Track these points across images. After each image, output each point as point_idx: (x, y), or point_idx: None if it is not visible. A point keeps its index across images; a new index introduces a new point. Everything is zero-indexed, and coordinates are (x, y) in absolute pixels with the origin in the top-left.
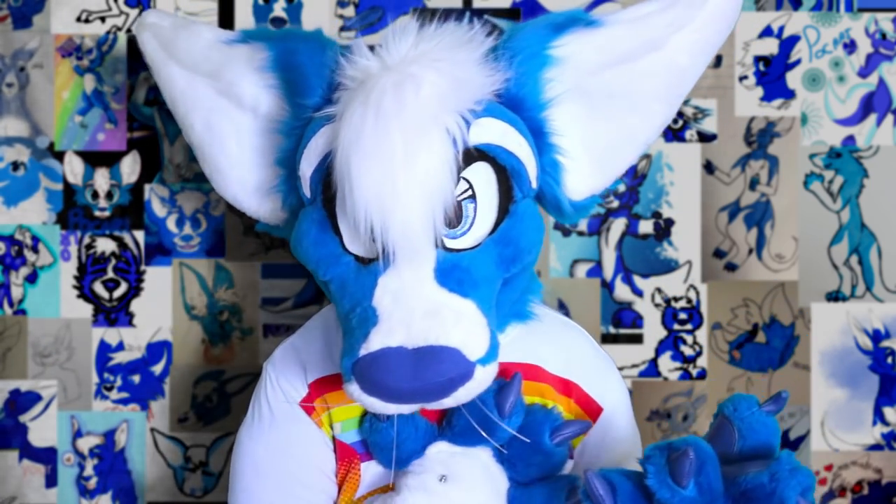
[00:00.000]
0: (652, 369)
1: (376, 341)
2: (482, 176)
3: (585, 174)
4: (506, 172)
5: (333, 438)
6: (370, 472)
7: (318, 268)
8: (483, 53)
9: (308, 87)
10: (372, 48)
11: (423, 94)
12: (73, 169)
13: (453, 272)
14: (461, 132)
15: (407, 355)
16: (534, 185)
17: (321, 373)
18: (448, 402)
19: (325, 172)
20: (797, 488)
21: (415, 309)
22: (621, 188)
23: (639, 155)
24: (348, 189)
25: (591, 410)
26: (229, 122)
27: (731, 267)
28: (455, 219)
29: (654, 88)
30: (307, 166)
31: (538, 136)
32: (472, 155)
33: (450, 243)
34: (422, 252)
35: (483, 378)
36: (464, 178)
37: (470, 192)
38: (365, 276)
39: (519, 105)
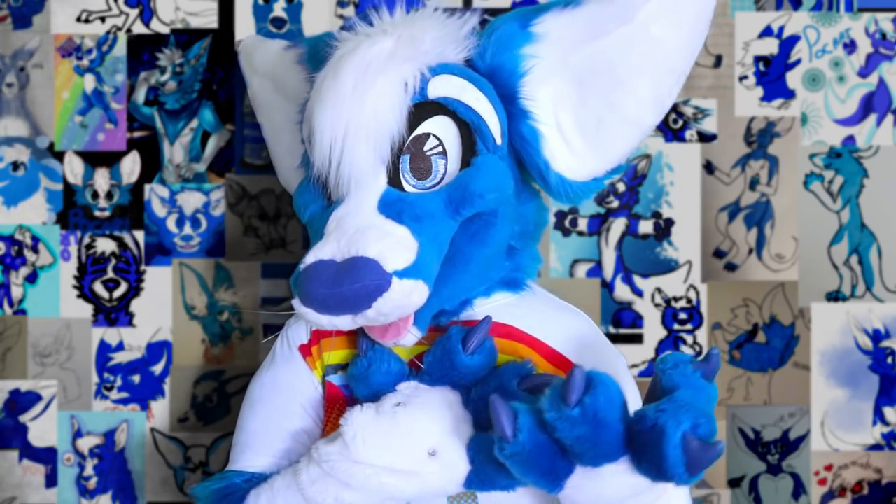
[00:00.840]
0: (652, 369)
1: (311, 255)
2: (448, 131)
3: (582, 154)
4: (468, 127)
5: (323, 381)
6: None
7: (301, 210)
8: (456, 28)
9: (318, 70)
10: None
11: (379, 47)
12: (73, 169)
13: (395, 204)
14: (415, 81)
15: (332, 266)
16: (498, 141)
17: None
18: (371, 313)
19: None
20: (685, 423)
21: (348, 228)
22: (621, 187)
23: (637, 136)
24: (311, 132)
25: None
26: (284, 116)
27: (731, 267)
28: (424, 171)
29: (634, 62)
30: (306, 130)
31: (510, 101)
32: (431, 107)
33: (413, 191)
34: (366, 184)
35: (402, 290)
36: (434, 136)
37: (440, 148)
38: (328, 212)
39: (494, 73)
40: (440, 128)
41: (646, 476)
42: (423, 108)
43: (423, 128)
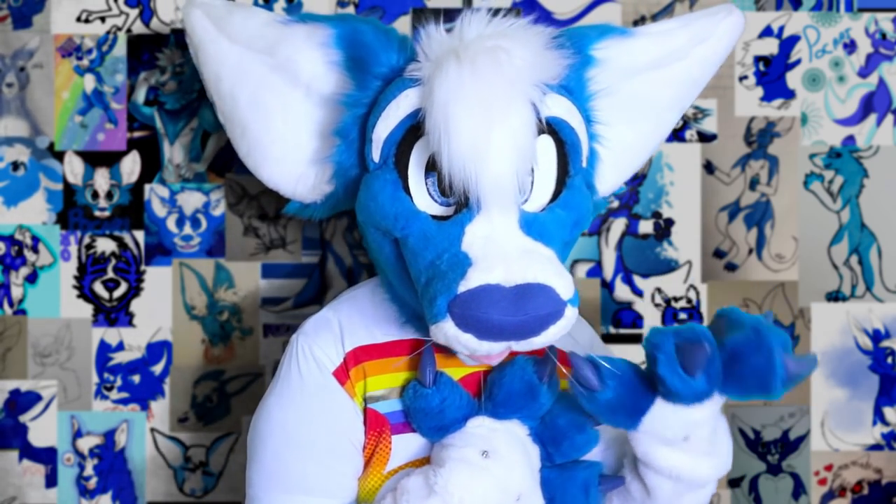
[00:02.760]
0: None
1: (475, 278)
2: (546, 150)
3: (606, 173)
4: (564, 147)
5: (364, 408)
6: (401, 444)
7: (395, 222)
8: (547, 41)
9: (377, 61)
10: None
11: (515, 60)
12: (73, 169)
13: (534, 224)
14: (540, 101)
15: (506, 292)
16: (584, 163)
17: (359, 342)
18: (539, 340)
19: (402, 134)
20: (780, 342)
21: (509, 251)
22: (622, 186)
23: (646, 160)
24: (445, 141)
25: None
26: (278, 98)
27: (731, 267)
28: (521, 188)
29: (671, 96)
30: (384, 129)
31: (586, 123)
32: (542, 127)
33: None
34: (510, 202)
35: (571, 317)
36: None
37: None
38: (449, 227)
39: (569, 94)
40: (541, 147)
41: (729, 395)
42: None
43: None
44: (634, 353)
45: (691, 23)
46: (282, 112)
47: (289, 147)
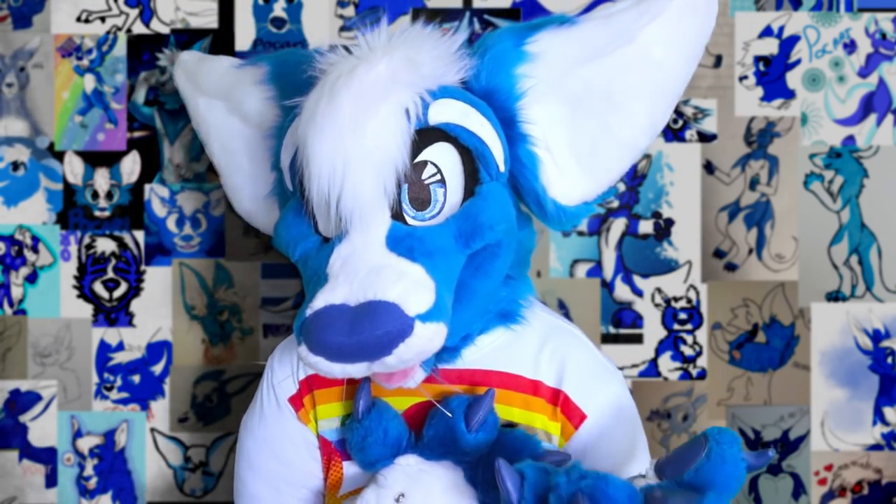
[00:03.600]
0: (652, 369)
1: (320, 300)
2: (448, 158)
3: (574, 178)
4: (470, 154)
5: (318, 435)
6: (351, 470)
7: (289, 248)
8: (449, 46)
9: (295, 91)
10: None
11: (375, 71)
12: (73, 169)
13: (405, 240)
14: (416, 108)
15: (347, 311)
16: (501, 168)
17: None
18: (391, 360)
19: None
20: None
21: (359, 269)
22: (621, 187)
23: (630, 159)
24: (305, 163)
25: (574, 417)
26: (241, 140)
27: (731, 267)
28: (423, 202)
29: (632, 84)
30: (286, 157)
31: (509, 125)
32: (432, 134)
33: (414, 223)
34: (371, 219)
35: (425, 335)
36: (431, 162)
37: (438, 177)
38: (325, 250)
39: (490, 95)
40: (440, 155)
41: None
42: (423, 136)
43: (422, 156)
44: (634, 353)
45: (641, 2)
46: (246, 151)
47: (258, 184)
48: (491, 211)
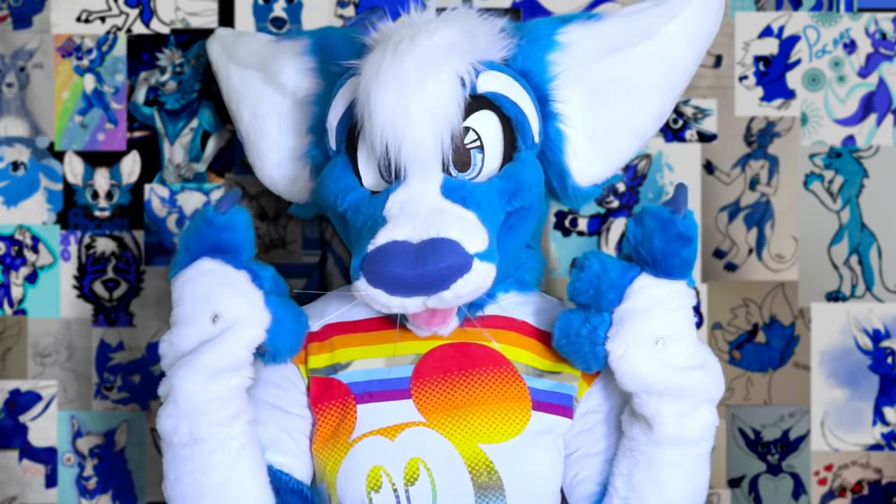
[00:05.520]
0: None
1: (383, 236)
2: (489, 125)
3: (589, 159)
4: (510, 123)
5: (309, 377)
6: (366, 413)
7: (336, 198)
8: (496, 25)
9: (339, 59)
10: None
11: (436, 39)
12: (73, 169)
13: (458, 190)
14: (469, 75)
15: (410, 247)
16: (536, 139)
17: (327, 322)
18: (448, 295)
19: (349, 118)
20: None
21: (420, 211)
22: (621, 187)
23: (638, 146)
24: (367, 115)
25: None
26: (272, 108)
27: (731, 267)
28: (464, 165)
29: (649, 76)
30: (334, 116)
31: (543, 103)
32: (480, 101)
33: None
34: (429, 169)
35: (482, 272)
36: (472, 129)
37: (478, 143)
38: (378, 197)
39: (527, 76)
40: (483, 122)
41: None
42: (472, 101)
43: (467, 122)
44: None
45: (662, 2)
46: (276, 120)
47: (283, 151)
48: (529, 174)
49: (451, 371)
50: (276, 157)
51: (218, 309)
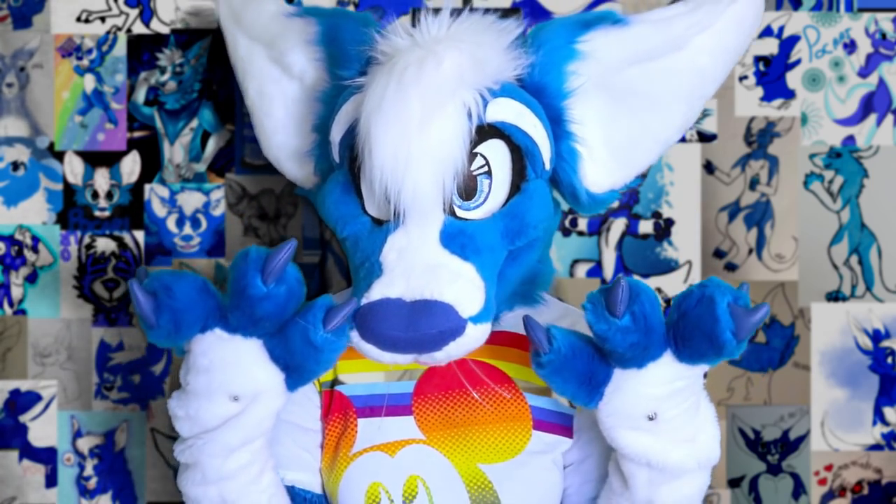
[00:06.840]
0: None
1: (377, 291)
2: (497, 153)
3: (606, 168)
4: (520, 151)
5: (321, 390)
6: (366, 427)
7: (337, 225)
8: (509, 40)
9: (346, 60)
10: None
11: (444, 68)
12: (73, 169)
13: (458, 237)
14: (477, 107)
15: (403, 306)
16: (547, 167)
17: None
18: (440, 355)
19: (352, 138)
20: (727, 295)
21: (416, 265)
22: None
23: (660, 154)
24: (367, 151)
25: None
26: (278, 89)
27: (731, 267)
28: (470, 191)
29: (675, 88)
30: (337, 132)
31: (556, 123)
32: (488, 131)
33: (461, 213)
34: (429, 214)
35: (474, 336)
36: (480, 154)
37: (486, 168)
38: (377, 234)
39: (540, 92)
40: (491, 150)
41: (687, 362)
42: (480, 132)
43: (477, 148)
44: None
45: (695, 10)
46: (282, 101)
47: (289, 134)
48: (537, 210)
49: (452, 388)
50: (282, 138)
51: (237, 391)
